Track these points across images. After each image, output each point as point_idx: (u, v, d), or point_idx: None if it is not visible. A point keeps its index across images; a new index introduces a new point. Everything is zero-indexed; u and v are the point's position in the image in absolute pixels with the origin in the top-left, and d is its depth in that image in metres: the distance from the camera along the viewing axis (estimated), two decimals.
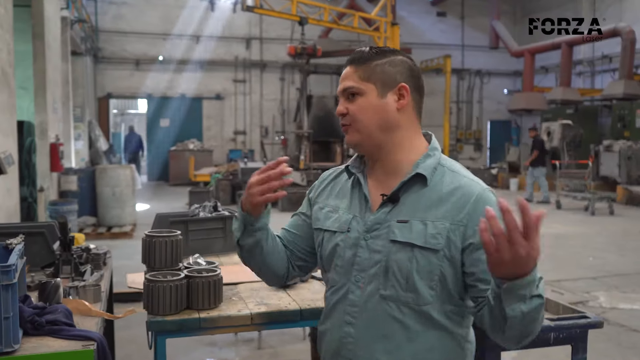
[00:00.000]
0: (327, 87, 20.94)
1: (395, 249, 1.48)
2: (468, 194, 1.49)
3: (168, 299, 2.02)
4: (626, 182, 15.02)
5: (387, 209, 1.53)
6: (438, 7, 23.39)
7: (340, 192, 1.66)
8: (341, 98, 1.60)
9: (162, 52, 20.24)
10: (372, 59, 1.56)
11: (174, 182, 18.89)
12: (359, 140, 1.56)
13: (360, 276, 1.52)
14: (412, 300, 1.48)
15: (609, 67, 20.01)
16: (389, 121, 1.55)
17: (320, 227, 1.66)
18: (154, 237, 2.18)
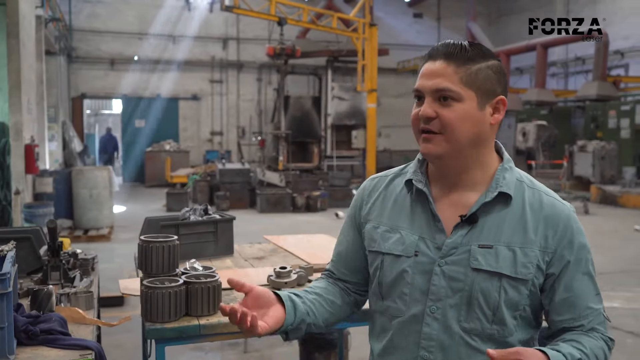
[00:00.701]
0: (304, 88, 20.91)
1: (480, 278, 1.33)
2: (556, 217, 1.36)
3: (167, 305, 1.98)
4: (600, 182, 15.29)
5: (464, 232, 1.36)
6: (414, 8, 23.56)
7: (397, 207, 1.45)
8: (428, 97, 1.35)
9: (137, 51, 20.02)
10: (474, 60, 1.35)
11: (150, 183, 18.68)
12: (445, 152, 1.35)
13: (435, 306, 1.35)
14: (497, 333, 1.35)
15: (582, 68, 20.37)
16: (482, 136, 1.37)
17: (378, 249, 1.44)
18: (150, 242, 2.13)
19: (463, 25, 22.77)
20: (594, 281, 1.39)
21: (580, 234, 1.38)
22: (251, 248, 3.40)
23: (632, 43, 17.85)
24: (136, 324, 3.80)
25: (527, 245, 1.34)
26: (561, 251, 1.35)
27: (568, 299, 1.35)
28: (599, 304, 1.39)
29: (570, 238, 1.36)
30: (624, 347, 4.77)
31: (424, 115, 1.34)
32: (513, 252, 1.33)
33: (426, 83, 1.35)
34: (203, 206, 3.15)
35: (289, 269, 2.42)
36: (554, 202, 1.39)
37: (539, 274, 1.34)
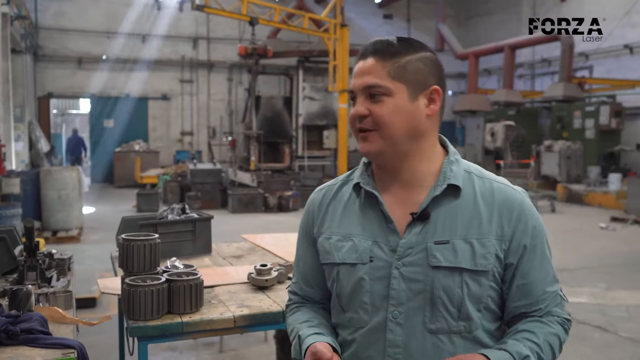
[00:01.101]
0: (275, 88, 20.90)
1: (441, 276, 1.29)
2: (509, 204, 1.34)
3: (149, 303, 1.98)
4: (566, 181, 15.63)
5: (418, 229, 1.32)
6: (385, 9, 23.73)
7: (347, 214, 1.40)
8: (360, 96, 1.34)
9: (106, 50, 19.74)
10: (402, 52, 1.32)
11: (119, 184, 18.45)
12: (382, 148, 1.32)
13: (397, 311, 1.30)
14: (464, 328, 1.31)
15: (549, 70, 20.77)
16: (418, 128, 1.33)
17: (332, 261, 1.38)
18: (132, 241, 2.13)
19: (432, 27, 23.02)
20: (550, 264, 1.37)
21: (534, 218, 1.35)
22: (229, 247, 3.41)
23: (596, 45, 18.25)
24: (109, 325, 3.76)
25: (484, 236, 1.30)
26: (518, 238, 1.32)
27: (525, 286, 1.34)
28: (555, 285, 1.38)
29: (525, 224, 1.33)
30: (592, 341, 4.90)
31: (356, 113, 1.33)
32: (470, 245, 1.29)
33: (356, 82, 1.34)
34: (180, 205, 3.15)
35: (270, 266, 2.44)
36: (505, 189, 1.36)
37: (498, 264, 1.31)
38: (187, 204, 3.23)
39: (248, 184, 13.98)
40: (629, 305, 5.93)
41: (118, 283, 2.47)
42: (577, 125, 16.85)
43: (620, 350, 4.71)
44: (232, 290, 2.41)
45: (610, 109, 16.18)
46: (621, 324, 5.32)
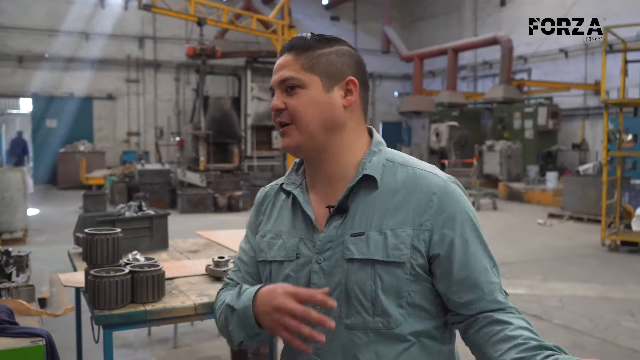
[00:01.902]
0: (223, 88, 20.87)
1: (355, 269, 1.25)
2: (428, 189, 1.28)
3: (114, 293, 2.08)
4: (507, 179, 16.26)
5: (337, 223, 1.30)
6: (331, 11, 24.02)
7: (281, 213, 1.41)
8: (277, 90, 1.34)
9: (48, 49, 19.27)
10: (315, 46, 1.33)
11: (63, 185, 18.05)
12: (300, 141, 1.31)
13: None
14: (382, 325, 1.25)
15: (490, 72, 21.49)
16: (335, 120, 1.32)
17: (264, 258, 1.39)
18: (95, 235, 2.22)
19: (379, 29, 23.45)
20: (488, 253, 1.30)
21: (459, 204, 1.28)
22: (185, 243, 3.52)
23: (534, 49, 19.05)
24: (61, 324, 3.79)
25: (399, 226, 1.25)
26: (441, 228, 1.25)
27: (467, 279, 1.25)
28: (497, 276, 1.30)
29: (449, 212, 1.26)
30: None
31: (273, 107, 1.34)
32: (384, 236, 1.25)
33: (273, 78, 1.35)
34: (137, 202, 3.24)
35: (227, 258, 2.58)
36: (426, 175, 1.30)
37: (416, 255, 1.25)
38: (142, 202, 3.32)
39: (197, 185, 13.96)
40: (563, 295, 6.31)
41: (79, 277, 2.56)
42: (517, 125, 17.53)
43: (554, 336, 5.03)
44: (191, 282, 2.53)
45: (548, 110, 16.93)
46: (555, 313, 5.67)
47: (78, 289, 3.20)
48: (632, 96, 15.17)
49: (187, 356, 4.57)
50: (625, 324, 5.37)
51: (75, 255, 3.08)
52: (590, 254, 8.54)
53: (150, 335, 4.93)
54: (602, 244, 8.91)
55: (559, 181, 14.27)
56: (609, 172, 10.05)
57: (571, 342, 4.87)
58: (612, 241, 8.74)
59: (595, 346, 4.78)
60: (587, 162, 15.79)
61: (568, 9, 17.39)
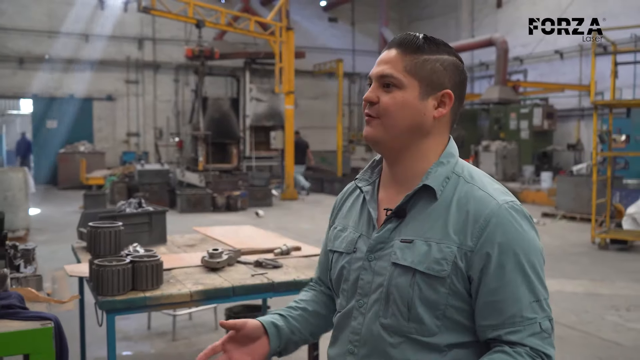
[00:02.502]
0: (222, 89, 21.04)
1: (397, 273, 1.30)
2: (479, 213, 1.28)
3: (116, 281, 2.26)
4: (502, 179, 16.42)
5: (392, 226, 1.34)
6: (330, 12, 24.21)
7: (351, 209, 1.49)
8: (374, 82, 1.36)
9: (48, 50, 19.45)
10: (423, 50, 1.34)
11: (63, 185, 18.22)
12: (382, 137, 1.35)
13: (363, 301, 1.34)
14: (415, 331, 1.28)
15: (486, 73, 21.67)
16: (421, 127, 1.34)
17: (331, 247, 1.49)
18: (99, 228, 2.41)
19: (376, 30, 23.62)
20: (531, 286, 1.25)
21: (508, 233, 1.26)
22: (182, 238, 3.70)
23: (529, 50, 19.23)
24: (62, 316, 3.96)
25: (444, 241, 1.27)
26: (481, 250, 1.25)
27: (492, 303, 1.25)
28: (536, 313, 1.25)
29: (492, 234, 1.25)
30: None
31: (366, 99, 1.36)
32: (429, 247, 1.28)
33: (375, 69, 1.36)
34: (137, 199, 3.41)
35: (221, 250, 2.76)
36: (483, 197, 1.30)
37: (457, 273, 1.26)
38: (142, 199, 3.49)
39: (196, 185, 14.13)
40: (551, 291, 6.36)
41: (83, 267, 2.75)
42: (512, 126, 17.72)
43: None
44: (188, 272, 2.71)
45: (543, 111, 17.12)
46: None
47: (81, 283, 3.39)
48: (626, 97, 15.38)
49: (185, 348, 4.75)
50: (609, 318, 5.56)
51: (78, 249, 3.26)
52: (580, 252, 8.73)
53: (149, 329, 5.11)
54: (593, 242, 9.10)
55: (554, 181, 14.44)
56: (602, 172, 10.25)
57: (555, 335, 5.03)
58: (602, 239, 8.93)
59: (578, 339, 4.97)
60: (582, 162, 15.98)
61: (564, 10, 17.58)
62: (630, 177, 12.81)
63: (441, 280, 1.26)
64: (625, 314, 5.67)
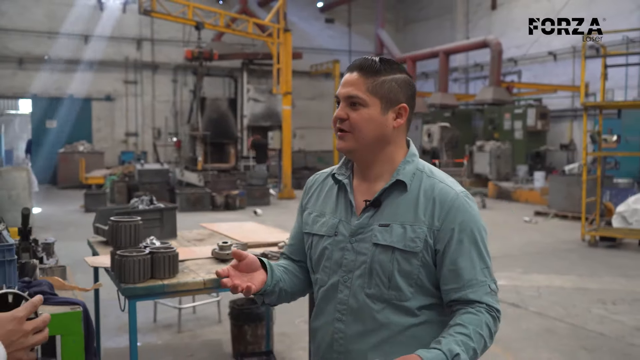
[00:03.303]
0: (220, 89, 21.25)
1: (378, 252, 1.57)
2: (443, 199, 1.58)
3: (137, 270, 2.49)
4: (496, 179, 16.70)
5: (370, 214, 1.61)
6: (326, 13, 24.44)
7: (326, 197, 1.73)
8: (342, 102, 1.62)
9: (48, 51, 19.65)
10: (381, 73, 1.59)
11: (63, 185, 18.43)
12: (354, 147, 1.61)
13: (347, 276, 1.61)
14: (394, 297, 1.57)
15: (481, 74, 21.93)
16: (385, 136, 1.61)
17: (309, 231, 1.72)
18: (119, 222, 2.64)
19: (372, 32, 23.87)
20: (481, 256, 1.58)
21: (465, 214, 1.58)
22: (191, 233, 3.93)
23: (523, 51, 19.51)
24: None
25: (417, 223, 1.56)
26: (444, 229, 1.55)
27: (454, 271, 1.55)
28: (486, 277, 1.57)
29: (454, 216, 1.56)
30: (506, 316, 5.57)
31: (337, 116, 1.60)
32: (404, 229, 1.56)
33: (341, 90, 1.61)
34: (149, 197, 3.64)
35: (230, 243, 2.99)
36: (444, 188, 1.60)
37: (427, 248, 1.55)
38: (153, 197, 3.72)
39: (195, 184, 14.36)
40: (540, 286, 6.75)
41: (102, 259, 2.98)
42: (507, 126, 17.96)
43: (528, 322, 5.47)
44: (199, 263, 2.94)
45: (537, 111, 17.37)
46: (532, 301, 6.11)
47: (95, 275, 3.61)
48: (618, 98, 15.65)
49: (190, 340, 4.98)
50: (596, 311, 5.80)
51: (95, 243, 3.48)
52: (570, 249, 8.99)
53: (155, 322, 5.34)
54: (583, 240, 9.35)
55: (546, 180, 14.70)
56: (593, 172, 10.50)
57: (543, 327, 5.30)
58: (591, 237, 9.18)
59: (565, 330, 5.21)
60: (574, 162, 16.24)
61: (557, 13, 17.85)
62: (620, 176, 13.09)
63: (415, 255, 1.55)
64: (611, 307, 5.92)
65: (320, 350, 1.69)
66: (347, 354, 1.62)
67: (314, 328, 1.72)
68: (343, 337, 1.62)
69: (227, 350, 4.63)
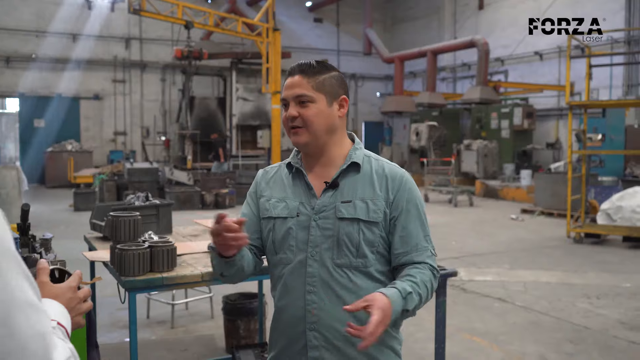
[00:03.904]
0: (209, 89, 21.28)
1: (344, 224, 1.77)
2: (394, 176, 1.83)
3: (137, 263, 2.57)
4: (483, 177, 16.87)
5: (330, 194, 1.81)
6: (315, 13, 24.51)
7: (283, 184, 1.89)
8: (291, 102, 1.80)
9: (36, 50, 19.56)
10: (320, 72, 1.81)
11: (51, 184, 18.37)
12: (309, 140, 1.80)
13: (315, 251, 1.77)
14: (361, 264, 1.77)
15: (469, 74, 22.11)
16: (333, 126, 1.82)
17: (270, 215, 1.86)
18: (119, 217, 2.71)
19: (361, 31, 23.97)
20: (423, 225, 1.84)
21: (411, 189, 1.84)
22: (186, 229, 4.01)
23: (510, 51, 19.71)
24: None
25: (375, 198, 1.79)
26: (397, 201, 1.80)
27: (403, 237, 1.79)
28: (427, 243, 1.83)
29: (404, 192, 1.81)
30: (492, 310, 5.77)
31: (290, 115, 1.78)
32: (366, 204, 1.78)
33: (289, 92, 1.80)
34: (145, 193, 3.71)
35: None
36: (392, 168, 1.86)
37: (385, 218, 1.78)
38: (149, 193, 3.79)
39: (185, 183, 14.39)
40: (526, 281, 6.88)
41: (101, 254, 3.05)
42: (494, 125, 18.15)
43: (514, 315, 5.59)
44: (196, 257, 3.02)
45: (523, 110, 17.56)
46: (518, 296, 6.23)
47: (92, 271, 3.68)
48: (602, 97, 15.88)
49: (183, 335, 5.06)
50: (580, 305, 5.94)
51: (92, 238, 3.55)
52: (556, 245, 9.15)
53: (149, 318, 5.41)
54: (568, 237, 9.52)
55: (532, 179, 14.88)
56: (578, 170, 10.67)
57: (529, 321, 5.43)
58: (577, 234, 9.35)
59: (551, 324, 5.34)
60: (560, 160, 16.45)
61: (543, 13, 18.07)
62: (605, 174, 13.29)
63: (377, 224, 1.78)
64: (596, 301, 6.07)
65: (288, 328, 1.80)
66: (320, 322, 1.75)
67: (281, 307, 1.83)
68: (316, 307, 1.75)
69: (221, 344, 4.71)
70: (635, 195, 9.51)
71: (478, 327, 5.21)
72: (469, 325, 5.22)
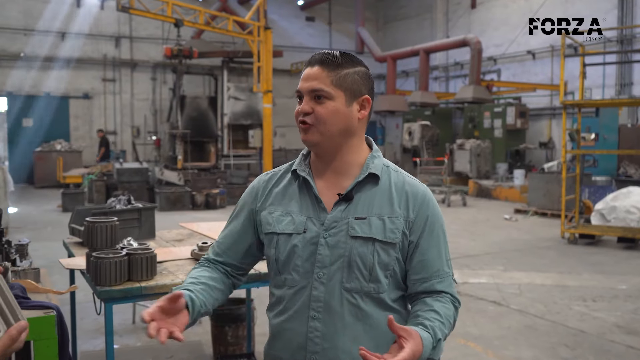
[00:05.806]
0: (199, 87, 21.09)
1: (357, 244, 1.57)
2: (415, 193, 1.64)
3: (113, 272, 2.42)
4: (476, 177, 16.78)
5: (343, 207, 1.60)
6: (307, 12, 24.37)
7: (288, 196, 1.68)
8: (306, 96, 1.61)
9: (24, 48, 19.31)
10: (343, 66, 1.61)
11: (40, 184, 18.14)
12: (319, 140, 1.60)
13: (322, 272, 1.58)
14: (373, 290, 1.58)
15: (461, 73, 22.03)
16: (350, 128, 1.62)
17: (273, 231, 1.66)
18: (95, 222, 2.56)
19: (353, 30, 23.85)
20: (446, 248, 1.67)
21: (433, 208, 1.65)
22: (170, 233, 3.86)
23: (502, 50, 19.64)
24: None
25: (394, 215, 1.59)
26: (418, 221, 1.61)
27: (423, 261, 1.61)
28: (449, 269, 1.66)
29: (426, 211, 1.62)
30: (487, 313, 5.65)
31: (302, 110, 1.59)
32: (383, 221, 1.58)
33: (304, 85, 1.60)
34: (127, 196, 3.56)
35: (210, 243, 2.93)
36: (414, 183, 1.66)
37: (404, 239, 1.59)
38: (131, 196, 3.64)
39: (175, 183, 14.22)
40: (521, 283, 6.77)
41: (78, 261, 2.90)
42: (487, 125, 18.07)
43: (509, 319, 5.47)
44: (179, 264, 2.88)
45: (516, 110, 17.49)
46: (513, 299, 6.12)
47: (72, 277, 3.52)
48: (596, 97, 15.82)
49: (169, 341, 4.86)
50: (576, 308, 5.83)
51: (70, 244, 3.39)
52: (550, 246, 9.05)
53: (134, 323, 5.25)
54: (562, 237, 9.42)
55: (526, 178, 14.81)
56: (572, 170, 10.59)
57: (524, 324, 5.31)
58: (571, 234, 9.25)
59: (546, 328, 5.23)
60: (554, 160, 16.39)
61: (535, 12, 18.00)
62: (598, 174, 13.22)
63: (394, 246, 1.59)
64: (591, 304, 5.96)
65: (286, 354, 1.63)
66: (323, 353, 1.58)
67: (280, 331, 1.65)
68: (320, 336, 1.57)
69: (208, 351, 4.56)
70: (629, 195, 9.44)
71: (472, 332, 5.09)
72: (463, 329, 5.10)
